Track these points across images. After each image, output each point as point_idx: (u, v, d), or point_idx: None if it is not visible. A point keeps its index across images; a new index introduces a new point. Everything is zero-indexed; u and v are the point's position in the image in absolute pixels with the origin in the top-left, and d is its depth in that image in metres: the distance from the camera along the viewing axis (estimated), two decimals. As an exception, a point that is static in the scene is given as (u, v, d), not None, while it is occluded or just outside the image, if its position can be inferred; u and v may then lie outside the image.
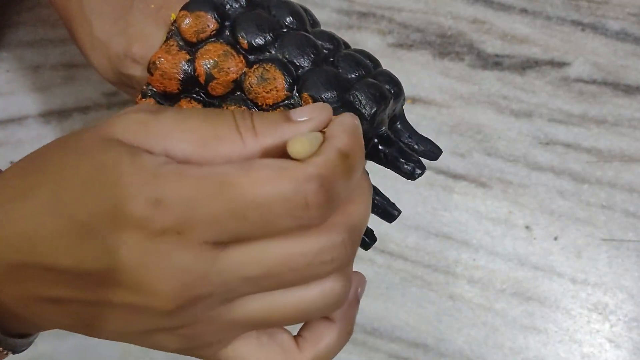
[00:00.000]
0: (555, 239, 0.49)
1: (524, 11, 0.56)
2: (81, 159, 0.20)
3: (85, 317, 0.21)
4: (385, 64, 0.56)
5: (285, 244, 0.20)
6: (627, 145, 0.51)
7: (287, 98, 0.29)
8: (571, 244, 0.49)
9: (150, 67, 0.29)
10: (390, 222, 0.32)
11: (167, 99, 0.30)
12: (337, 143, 0.21)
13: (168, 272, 0.19)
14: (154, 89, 0.30)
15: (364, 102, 0.29)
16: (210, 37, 0.29)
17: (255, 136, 0.21)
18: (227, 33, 0.30)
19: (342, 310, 0.25)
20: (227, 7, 0.30)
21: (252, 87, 0.29)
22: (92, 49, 0.32)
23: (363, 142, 0.23)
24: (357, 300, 0.26)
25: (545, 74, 0.54)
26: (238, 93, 0.29)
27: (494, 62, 0.54)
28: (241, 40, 0.29)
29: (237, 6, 0.30)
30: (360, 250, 0.50)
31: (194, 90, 0.30)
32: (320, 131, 0.23)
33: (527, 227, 0.50)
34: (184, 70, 0.29)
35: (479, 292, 0.48)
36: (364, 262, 0.49)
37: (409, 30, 0.56)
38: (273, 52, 0.29)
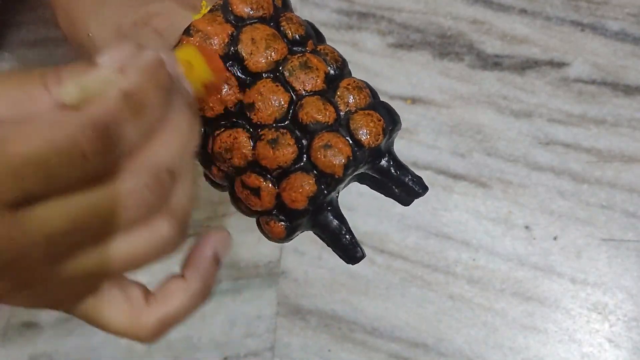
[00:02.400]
0: (555, 239, 0.50)
1: (523, 11, 0.56)
2: None
3: None
4: (385, 64, 0.56)
5: (84, 194, 0.20)
6: (627, 145, 0.52)
7: (324, 90, 0.30)
8: (571, 244, 0.49)
9: (191, 29, 0.29)
10: (353, 264, 0.32)
11: None
12: (122, 83, 0.20)
13: None
14: None
15: (384, 117, 0.30)
16: (260, 18, 0.30)
17: (60, 86, 0.20)
18: (272, 23, 0.30)
19: (194, 270, 0.25)
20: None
21: (293, 70, 0.29)
22: (96, 17, 0.31)
23: (163, 78, 0.22)
24: (215, 259, 0.25)
25: (545, 74, 0.54)
26: (277, 74, 0.29)
27: (494, 63, 0.54)
28: (287, 30, 0.30)
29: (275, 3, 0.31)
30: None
31: (230, 63, 0.29)
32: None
33: (526, 227, 0.50)
34: (227, 42, 0.29)
35: (479, 292, 0.48)
36: (364, 262, 0.49)
37: (409, 31, 0.56)
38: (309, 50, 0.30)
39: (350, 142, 0.29)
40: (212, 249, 0.25)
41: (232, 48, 0.29)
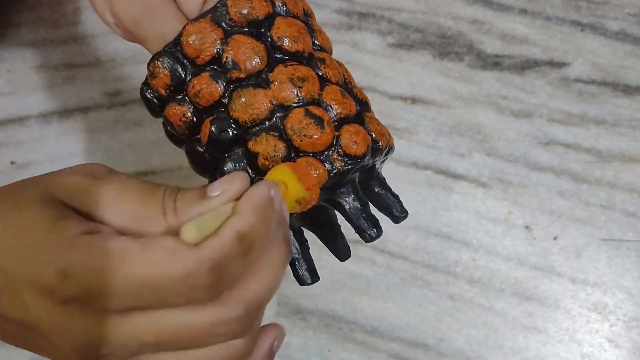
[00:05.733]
0: (555, 238, 0.50)
1: (523, 11, 0.56)
2: (12, 214, 0.23)
3: (22, 344, 0.24)
4: (385, 64, 0.56)
5: (181, 315, 0.22)
6: (627, 145, 0.52)
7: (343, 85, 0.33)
8: (571, 244, 0.49)
9: None
10: (300, 285, 0.33)
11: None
12: (237, 223, 0.22)
13: (72, 334, 0.22)
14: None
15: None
16: (294, 15, 0.32)
17: (176, 216, 0.23)
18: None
19: None
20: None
21: (324, 60, 0.32)
22: None
23: (271, 217, 0.23)
24: (271, 353, 0.27)
25: (544, 74, 0.54)
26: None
27: (494, 63, 0.54)
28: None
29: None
30: (360, 250, 0.50)
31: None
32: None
33: (526, 227, 0.50)
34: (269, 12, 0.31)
35: (479, 292, 0.48)
36: (364, 262, 0.49)
37: (409, 31, 0.56)
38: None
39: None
40: (271, 342, 0.27)
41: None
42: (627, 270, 0.48)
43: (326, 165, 0.29)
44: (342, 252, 0.33)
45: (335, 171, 0.30)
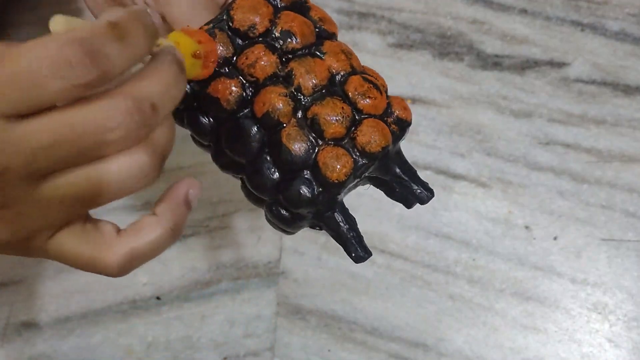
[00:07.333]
0: (555, 238, 0.50)
1: (523, 12, 0.56)
2: None
3: None
4: (385, 64, 0.56)
5: (71, 111, 0.22)
6: (627, 145, 0.52)
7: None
8: (571, 243, 0.49)
9: None
10: (356, 262, 0.33)
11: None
12: (107, 16, 0.22)
13: None
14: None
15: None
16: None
17: None
18: None
19: (166, 207, 0.26)
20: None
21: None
22: None
23: (146, 18, 0.24)
24: (186, 201, 0.27)
25: (544, 74, 0.54)
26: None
27: (494, 63, 0.54)
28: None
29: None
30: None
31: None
32: None
33: (526, 227, 0.50)
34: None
35: (479, 292, 0.48)
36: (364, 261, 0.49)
37: (409, 31, 0.56)
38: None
39: None
40: (185, 191, 0.27)
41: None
42: (627, 270, 0.48)
43: (389, 126, 0.31)
44: (360, 252, 0.32)
45: (396, 134, 0.31)
